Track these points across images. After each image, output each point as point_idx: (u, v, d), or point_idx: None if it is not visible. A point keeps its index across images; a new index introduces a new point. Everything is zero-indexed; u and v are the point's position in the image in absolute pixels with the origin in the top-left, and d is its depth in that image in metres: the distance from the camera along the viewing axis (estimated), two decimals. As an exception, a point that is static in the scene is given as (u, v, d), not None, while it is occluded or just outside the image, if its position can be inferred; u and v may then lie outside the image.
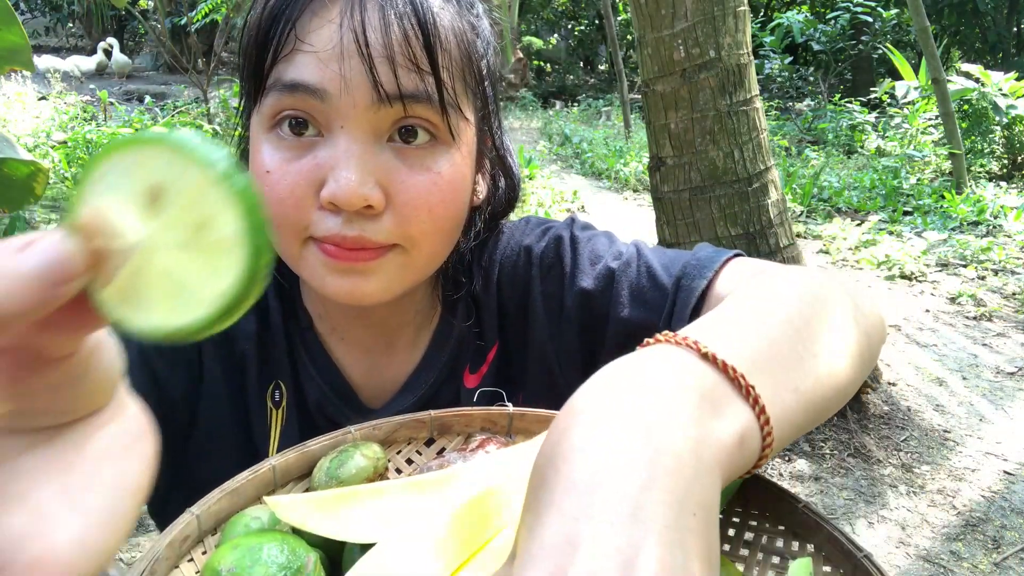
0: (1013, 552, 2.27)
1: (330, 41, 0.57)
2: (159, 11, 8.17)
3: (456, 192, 0.63)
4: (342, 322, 0.74)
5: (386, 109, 0.58)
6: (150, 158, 0.26)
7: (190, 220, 0.26)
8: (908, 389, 3.27)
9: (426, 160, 0.60)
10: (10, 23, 1.84)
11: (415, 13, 0.58)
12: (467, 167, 0.65)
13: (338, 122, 0.58)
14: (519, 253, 0.78)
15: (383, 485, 0.52)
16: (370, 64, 0.56)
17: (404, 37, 0.57)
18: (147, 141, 0.26)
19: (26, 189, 2.10)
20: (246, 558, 0.43)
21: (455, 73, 0.61)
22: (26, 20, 14.41)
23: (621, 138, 9.04)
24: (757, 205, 2.78)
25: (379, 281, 0.62)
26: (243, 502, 0.54)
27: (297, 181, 0.59)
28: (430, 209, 0.61)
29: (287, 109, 0.59)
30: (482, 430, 0.64)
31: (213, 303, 0.26)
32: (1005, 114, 6.56)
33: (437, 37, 0.59)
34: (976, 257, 4.83)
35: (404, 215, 0.60)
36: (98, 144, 5.74)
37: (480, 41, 0.65)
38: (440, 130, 0.60)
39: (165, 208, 0.26)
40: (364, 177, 0.57)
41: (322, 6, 0.58)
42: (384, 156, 0.59)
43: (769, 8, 13.49)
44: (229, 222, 0.25)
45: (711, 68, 2.65)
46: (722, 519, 0.57)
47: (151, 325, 0.26)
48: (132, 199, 0.26)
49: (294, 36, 0.58)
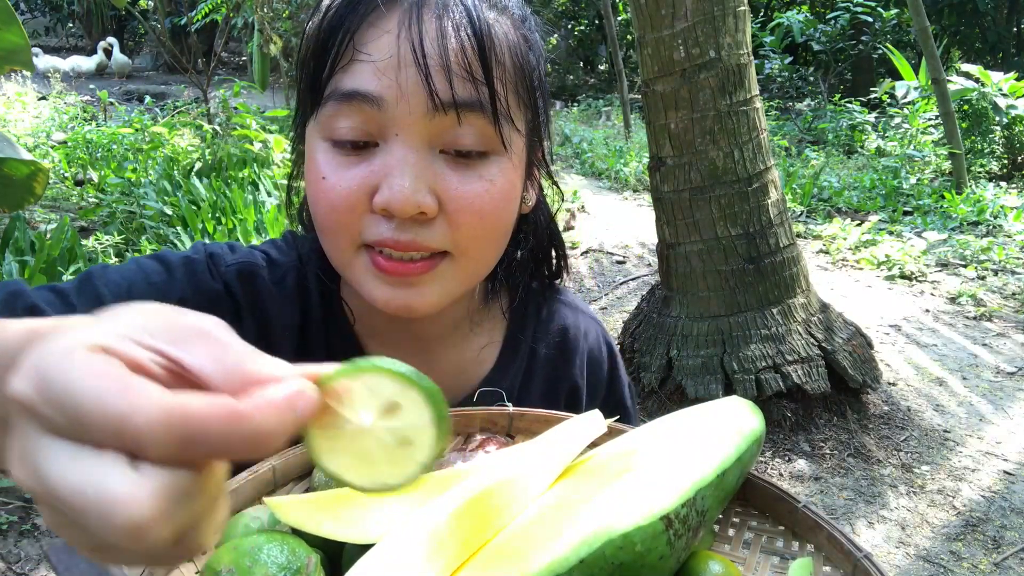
0: (1013, 552, 2.27)
1: (388, 51, 0.58)
2: (159, 11, 8.16)
3: (507, 200, 0.64)
4: (381, 325, 0.75)
5: (440, 117, 0.59)
6: (392, 381, 0.34)
7: (404, 429, 0.34)
8: (908, 389, 3.27)
9: (478, 168, 0.62)
10: (10, 23, 1.84)
11: (471, 24, 0.59)
12: (517, 176, 0.66)
13: (393, 130, 0.59)
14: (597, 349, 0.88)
15: (383, 485, 0.52)
16: (426, 73, 0.57)
17: (460, 47, 0.59)
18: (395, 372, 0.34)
19: (26, 189, 2.10)
20: (246, 558, 0.43)
21: (508, 84, 0.62)
22: (26, 20, 14.41)
23: (621, 138, 9.05)
24: (757, 205, 2.78)
25: (430, 293, 0.63)
26: (243, 502, 0.54)
27: (351, 187, 0.60)
28: (482, 216, 0.62)
29: (344, 117, 0.60)
30: (482, 430, 0.64)
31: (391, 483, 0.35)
32: (1005, 114, 6.56)
33: (492, 49, 0.60)
34: (976, 257, 4.82)
35: (456, 222, 0.61)
36: (98, 144, 5.74)
37: (533, 54, 0.67)
38: (492, 140, 0.62)
39: (395, 417, 0.34)
40: (418, 184, 0.58)
41: (380, 17, 0.59)
42: (437, 164, 0.61)
43: (769, 8, 13.48)
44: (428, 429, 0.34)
45: (711, 68, 2.65)
46: (722, 519, 0.57)
47: (342, 477, 0.34)
48: (375, 402, 0.34)
49: (352, 46, 0.59)
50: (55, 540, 0.43)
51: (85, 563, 0.41)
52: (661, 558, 0.44)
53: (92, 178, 5.18)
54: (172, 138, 5.89)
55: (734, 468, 0.52)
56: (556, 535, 0.43)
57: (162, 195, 4.51)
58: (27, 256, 3.34)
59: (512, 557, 0.43)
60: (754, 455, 0.56)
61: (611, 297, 4.40)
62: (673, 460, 0.50)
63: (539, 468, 0.53)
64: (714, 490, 0.49)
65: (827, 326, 2.90)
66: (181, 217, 4.14)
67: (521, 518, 0.48)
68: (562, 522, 0.45)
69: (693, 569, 0.48)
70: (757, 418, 0.57)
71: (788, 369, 2.75)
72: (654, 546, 0.43)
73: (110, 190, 4.76)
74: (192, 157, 5.65)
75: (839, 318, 3.00)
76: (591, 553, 0.41)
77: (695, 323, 2.90)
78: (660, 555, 0.44)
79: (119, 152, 5.66)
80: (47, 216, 4.33)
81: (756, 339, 2.80)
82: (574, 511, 0.46)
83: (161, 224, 4.13)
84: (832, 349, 2.82)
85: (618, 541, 0.42)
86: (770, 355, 2.77)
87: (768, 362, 2.76)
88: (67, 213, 4.40)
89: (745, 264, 2.80)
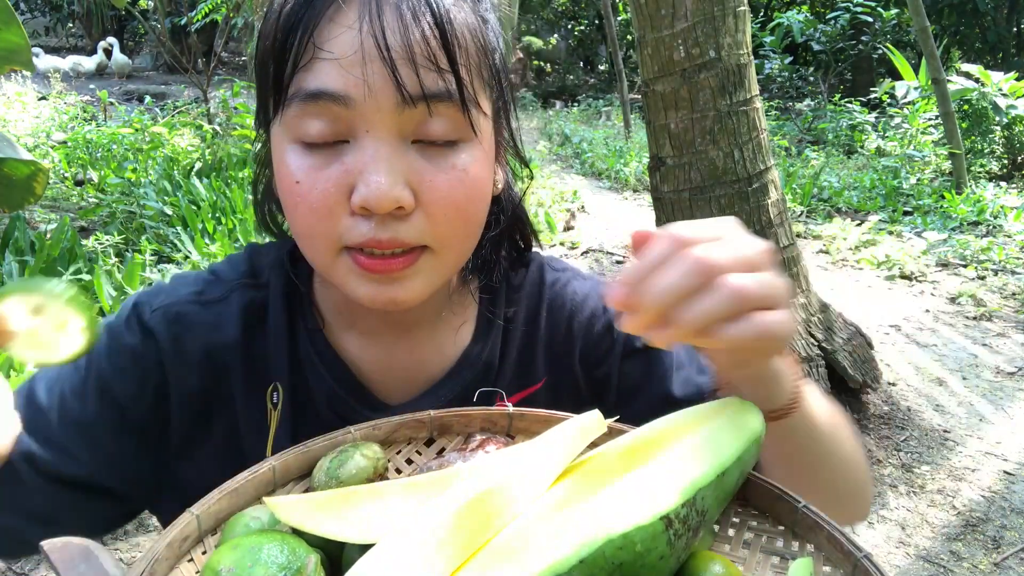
0: (1013, 552, 2.27)
1: (351, 47, 0.57)
2: (159, 11, 8.16)
3: (481, 187, 0.64)
4: (360, 318, 0.75)
5: (410, 110, 0.58)
6: (32, 293, 0.49)
7: (55, 320, 0.50)
8: (908, 389, 3.27)
9: (451, 157, 0.61)
10: (10, 23, 1.84)
11: (431, 13, 0.58)
12: (488, 161, 0.66)
13: (363, 127, 0.58)
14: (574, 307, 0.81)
15: (383, 485, 0.52)
16: (392, 67, 0.56)
17: (423, 38, 0.57)
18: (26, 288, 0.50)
19: (26, 189, 2.10)
20: (246, 558, 0.43)
21: (472, 69, 0.62)
22: (26, 20, 14.41)
23: (621, 138, 9.05)
24: (757, 205, 2.78)
25: (413, 287, 0.63)
26: (243, 502, 0.54)
27: (327, 189, 0.59)
28: (458, 207, 0.62)
29: (311, 118, 0.59)
30: (482, 430, 0.64)
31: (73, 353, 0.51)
32: (1005, 114, 6.56)
33: (454, 35, 0.59)
34: (976, 257, 4.83)
35: (433, 214, 0.61)
36: (98, 144, 5.75)
37: (492, 35, 0.66)
38: (463, 127, 0.61)
39: (44, 314, 0.50)
40: (393, 179, 0.58)
41: (338, 11, 0.57)
42: (410, 157, 0.60)
43: (769, 8, 13.48)
44: (75, 317, 0.50)
45: (711, 68, 2.65)
46: (722, 519, 0.57)
47: (43, 363, 0.51)
48: (24, 310, 0.50)
49: (312, 44, 0.57)
50: (54, 540, 0.43)
51: (84, 563, 0.41)
52: (661, 558, 0.44)
53: (92, 178, 5.18)
54: (172, 138, 5.89)
55: (734, 468, 0.52)
56: (556, 535, 0.43)
57: (162, 195, 4.51)
58: (27, 256, 3.34)
59: (512, 557, 0.43)
60: (754, 455, 0.56)
61: (611, 297, 4.39)
62: (673, 460, 0.50)
63: (539, 468, 0.53)
64: (714, 490, 0.49)
65: (827, 326, 2.90)
66: (181, 217, 4.15)
67: (521, 518, 0.48)
68: (562, 522, 0.45)
69: (693, 569, 0.48)
70: (757, 418, 0.57)
71: (788, 369, 2.75)
72: (654, 546, 0.43)
73: (110, 190, 4.76)
74: (192, 157, 5.65)
75: (839, 318, 3.00)
76: (591, 553, 0.41)
77: (695, 323, 2.90)
78: (660, 555, 0.44)
79: (119, 152, 5.66)
80: (47, 216, 4.33)
81: (756, 339, 2.80)
82: (574, 511, 0.46)
83: (161, 224, 4.13)
84: (832, 349, 2.82)
85: (618, 541, 0.42)
86: (770, 355, 2.77)
87: (768, 362, 2.76)
88: (67, 213, 4.40)
89: (745, 264, 2.80)
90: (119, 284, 3.23)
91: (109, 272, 3.29)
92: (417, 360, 0.76)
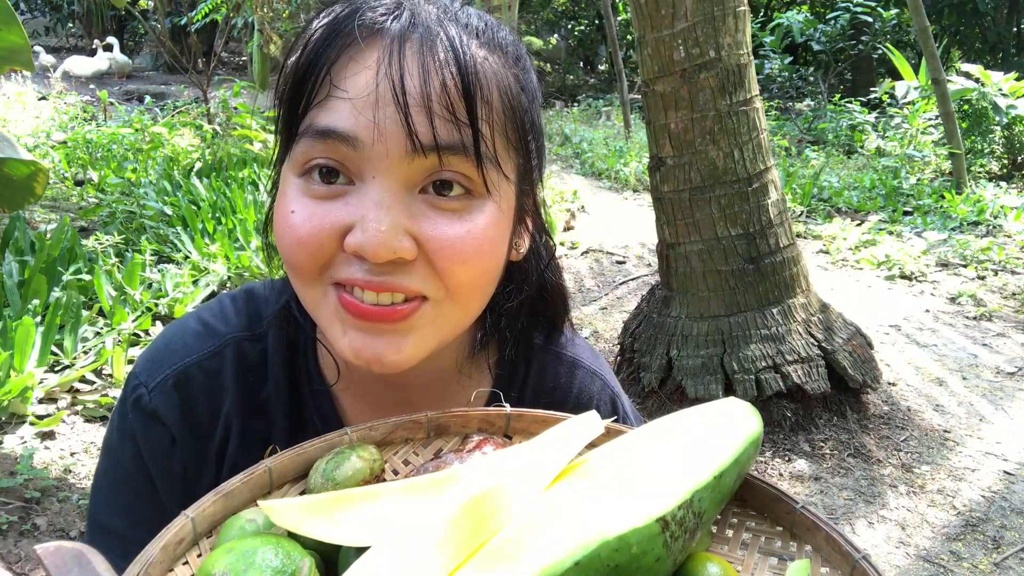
0: (1013, 552, 2.27)
1: (366, 88, 0.54)
2: (159, 11, 8.16)
3: (492, 244, 0.59)
4: (359, 376, 0.71)
5: (420, 160, 0.55)
6: None
7: None
8: (908, 389, 3.26)
9: (460, 211, 0.57)
10: (10, 23, 1.84)
11: (456, 62, 0.55)
12: (504, 221, 0.61)
13: (370, 172, 0.55)
14: None
15: (379, 488, 0.52)
16: (405, 113, 0.53)
17: (442, 86, 0.54)
18: None
19: (26, 189, 2.10)
20: (240, 562, 0.43)
21: (496, 126, 0.58)
22: (26, 20, 14.41)
23: (621, 138, 9.05)
24: (757, 205, 2.78)
25: (406, 345, 0.59)
26: (238, 504, 0.54)
27: (322, 225, 0.56)
28: (464, 260, 0.57)
29: (319, 156, 0.56)
30: (479, 431, 0.64)
31: None
32: (1005, 114, 6.56)
33: (478, 87, 0.56)
34: (976, 257, 4.82)
35: (437, 264, 0.57)
36: (98, 144, 5.75)
37: (525, 96, 0.62)
38: (475, 183, 0.57)
39: None
40: (394, 228, 0.54)
41: (359, 51, 0.55)
42: (416, 206, 0.56)
43: (769, 8, 13.48)
44: None
45: (711, 68, 2.65)
46: (720, 520, 0.57)
47: None
48: None
49: (329, 81, 0.55)
50: (47, 544, 0.43)
51: (77, 568, 0.40)
52: (657, 560, 0.44)
53: (92, 178, 5.18)
54: (172, 138, 5.89)
55: (731, 470, 0.52)
56: (552, 537, 0.43)
57: (162, 195, 4.51)
58: (27, 256, 3.34)
59: (508, 559, 0.43)
60: (752, 457, 0.56)
61: (611, 297, 4.40)
62: (670, 462, 0.50)
63: (536, 469, 0.52)
64: (711, 492, 0.49)
65: (827, 326, 2.90)
66: (181, 217, 4.15)
67: (517, 520, 0.48)
68: (558, 524, 0.45)
69: (690, 571, 0.48)
70: (755, 419, 0.57)
71: (788, 369, 2.75)
72: (650, 548, 0.43)
73: (110, 190, 4.76)
74: (192, 157, 5.65)
75: (839, 318, 2.99)
76: (587, 555, 0.41)
77: (695, 323, 2.90)
78: (656, 557, 0.44)
79: (119, 152, 5.66)
80: (47, 216, 4.33)
81: (756, 339, 2.80)
82: (570, 513, 0.46)
83: (161, 224, 4.13)
84: (832, 349, 2.81)
85: (614, 543, 0.42)
86: (770, 355, 2.77)
87: (768, 362, 2.76)
88: (67, 213, 4.40)
89: (745, 264, 2.80)
90: (119, 284, 3.23)
91: (109, 272, 3.29)
92: None
